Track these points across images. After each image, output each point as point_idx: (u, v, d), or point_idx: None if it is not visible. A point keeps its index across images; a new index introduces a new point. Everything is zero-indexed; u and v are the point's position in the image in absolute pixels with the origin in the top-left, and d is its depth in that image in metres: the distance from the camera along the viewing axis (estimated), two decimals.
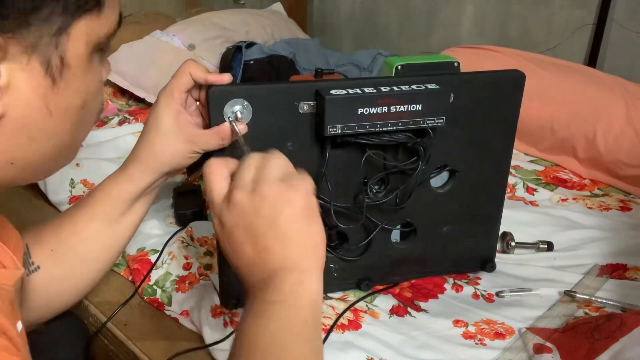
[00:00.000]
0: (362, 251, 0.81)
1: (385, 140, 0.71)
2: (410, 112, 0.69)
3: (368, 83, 0.70)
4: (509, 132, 0.80)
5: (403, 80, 0.71)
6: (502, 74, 0.78)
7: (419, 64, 0.75)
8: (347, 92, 0.67)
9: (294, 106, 0.69)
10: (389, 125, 0.69)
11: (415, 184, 0.76)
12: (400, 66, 0.75)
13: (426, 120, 0.70)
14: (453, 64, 0.76)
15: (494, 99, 0.77)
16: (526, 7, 1.72)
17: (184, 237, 0.92)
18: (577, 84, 1.22)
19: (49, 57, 0.43)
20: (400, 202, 0.78)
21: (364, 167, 0.73)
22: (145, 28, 1.69)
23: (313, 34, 2.25)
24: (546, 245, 0.94)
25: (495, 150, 0.80)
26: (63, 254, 0.68)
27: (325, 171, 0.72)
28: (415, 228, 0.82)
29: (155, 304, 0.82)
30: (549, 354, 0.69)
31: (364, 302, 0.81)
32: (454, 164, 0.79)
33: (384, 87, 0.69)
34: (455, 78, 0.75)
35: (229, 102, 0.66)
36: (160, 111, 0.67)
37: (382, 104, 0.67)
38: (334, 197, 0.74)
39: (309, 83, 0.71)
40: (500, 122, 0.78)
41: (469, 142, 0.78)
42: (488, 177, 0.82)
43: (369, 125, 0.68)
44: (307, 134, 0.71)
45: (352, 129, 0.68)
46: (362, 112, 0.67)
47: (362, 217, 0.76)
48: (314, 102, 0.69)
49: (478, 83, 0.75)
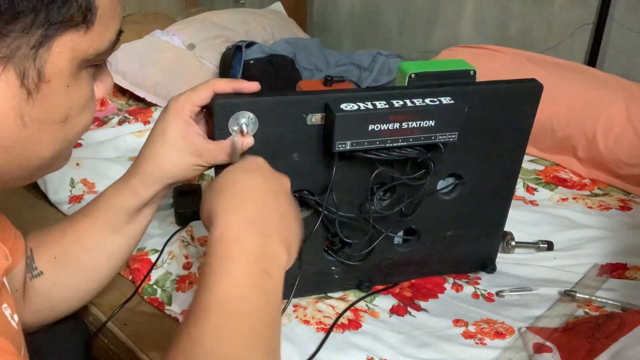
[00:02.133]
0: (364, 257, 0.81)
1: (395, 155, 0.68)
2: (423, 128, 0.66)
3: (380, 96, 0.67)
4: (521, 142, 0.77)
5: (416, 92, 0.68)
6: (519, 84, 0.74)
7: (434, 72, 0.72)
8: (359, 106, 0.64)
9: (302, 118, 0.66)
10: (399, 140, 0.66)
11: (423, 196, 0.74)
12: (414, 75, 0.71)
13: (438, 136, 0.67)
14: (469, 72, 0.73)
15: (509, 110, 0.74)
16: (526, 6, 1.72)
17: (184, 236, 0.92)
18: (577, 83, 1.22)
19: (26, 69, 0.41)
20: (406, 212, 0.77)
21: (372, 180, 0.71)
22: (145, 27, 1.69)
23: (313, 34, 2.25)
24: (546, 244, 0.94)
25: (506, 159, 0.78)
26: (66, 262, 0.68)
27: (332, 186, 0.70)
28: (418, 234, 0.82)
29: (156, 304, 0.82)
30: (549, 354, 0.69)
31: (364, 301, 0.81)
32: (463, 173, 0.77)
33: (396, 100, 0.66)
34: (471, 89, 0.71)
35: (234, 115, 0.64)
36: (169, 120, 0.64)
37: (394, 121, 0.65)
38: (339, 206, 0.73)
39: (318, 95, 0.67)
40: (514, 133, 0.76)
41: (480, 151, 0.76)
42: (496, 184, 0.80)
43: (379, 141, 0.66)
44: (314, 146, 0.68)
45: (362, 145, 0.65)
46: (373, 128, 0.64)
47: (369, 227, 0.75)
48: (323, 114, 0.66)
49: (494, 94, 0.72)
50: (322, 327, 0.76)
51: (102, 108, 1.47)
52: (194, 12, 1.97)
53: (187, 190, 1.02)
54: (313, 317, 0.78)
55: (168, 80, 1.48)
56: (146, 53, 1.52)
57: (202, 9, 2.01)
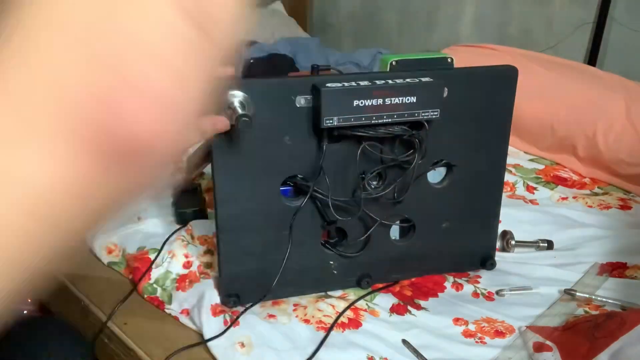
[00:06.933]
0: (361, 247, 0.81)
1: (381, 132, 0.71)
2: (405, 104, 0.70)
3: (363, 77, 0.71)
4: (504, 126, 0.81)
5: (397, 74, 0.72)
6: (495, 69, 0.79)
7: (413, 59, 0.77)
8: (343, 85, 0.68)
9: (291, 100, 0.70)
10: (384, 117, 0.70)
11: (412, 177, 0.76)
12: (395, 62, 0.76)
13: (421, 113, 0.71)
14: (447, 59, 0.77)
15: (488, 94, 0.78)
16: (526, 6, 1.72)
17: (184, 235, 0.92)
18: (577, 82, 1.22)
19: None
20: (398, 196, 0.79)
21: (361, 161, 0.73)
22: None
23: (313, 33, 2.25)
24: (546, 243, 0.94)
25: (490, 144, 0.81)
26: None
27: (322, 164, 0.72)
28: (414, 224, 0.82)
29: (156, 303, 0.82)
30: (549, 352, 0.69)
31: (364, 300, 0.81)
32: (451, 159, 0.80)
33: (379, 80, 0.70)
34: (448, 73, 0.76)
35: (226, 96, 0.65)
36: None
37: (377, 96, 0.68)
38: (332, 191, 0.74)
39: (305, 78, 0.72)
40: (494, 117, 0.80)
41: (465, 136, 0.79)
42: (484, 171, 0.83)
43: (365, 117, 0.69)
44: (305, 128, 0.71)
45: (348, 120, 0.68)
46: (358, 104, 0.68)
47: (359, 210, 0.76)
48: (311, 96, 0.70)
49: (471, 78, 0.77)
50: (322, 326, 0.76)
51: None
52: None
53: (187, 189, 1.02)
54: (313, 316, 0.78)
55: None
56: None
57: None
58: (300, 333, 0.75)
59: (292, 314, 0.78)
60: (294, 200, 0.76)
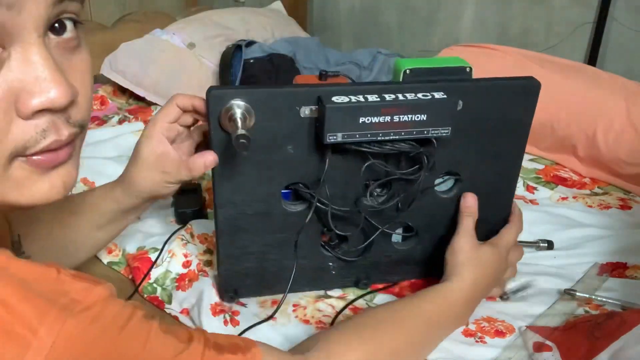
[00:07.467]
0: (361, 253, 0.81)
1: (387, 149, 0.68)
2: (415, 122, 0.66)
3: (373, 90, 0.67)
4: (519, 141, 0.76)
5: (409, 87, 0.68)
6: (516, 81, 0.73)
7: (428, 68, 0.71)
8: (350, 99, 0.65)
9: (295, 110, 0.67)
10: (391, 134, 0.66)
11: (418, 191, 0.74)
12: (409, 70, 0.71)
13: (430, 131, 0.67)
14: (465, 69, 0.72)
15: (506, 108, 0.73)
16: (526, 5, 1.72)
17: (184, 235, 0.92)
18: (577, 82, 1.22)
19: None
20: (402, 208, 0.77)
21: (364, 173, 0.72)
22: (145, 27, 1.69)
23: (313, 33, 2.25)
24: (546, 243, 0.94)
25: (504, 159, 0.77)
26: (54, 252, 0.74)
27: (324, 178, 0.70)
28: (417, 232, 0.81)
29: (156, 302, 0.82)
30: (549, 352, 0.69)
31: (363, 300, 0.81)
32: (460, 172, 0.77)
33: (388, 94, 0.66)
34: (465, 85, 0.71)
35: (228, 105, 0.64)
36: (141, 140, 0.70)
37: (386, 114, 0.65)
38: (333, 200, 0.73)
39: (311, 88, 0.68)
40: (511, 132, 0.75)
41: (477, 150, 0.75)
42: (496, 185, 0.79)
43: (371, 134, 0.66)
44: (308, 138, 0.69)
45: (353, 137, 0.65)
46: (364, 121, 0.65)
47: (361, 221, 0.75)
48: (316, 107, 0.67)
49: (489, 91, 0.71)
50: (322, 326, 0.76)
51: (102, 107, 1.48)
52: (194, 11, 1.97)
53: (187, 189, 1.02)
54: (313, 316, 0.78)
55: (168, 79, 1.48)
56: (146, 52, 1.52)
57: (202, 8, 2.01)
58: (300, 333, 0.75)
59: (291, 314, 0.78)
60: (294, 204, 0.75)
